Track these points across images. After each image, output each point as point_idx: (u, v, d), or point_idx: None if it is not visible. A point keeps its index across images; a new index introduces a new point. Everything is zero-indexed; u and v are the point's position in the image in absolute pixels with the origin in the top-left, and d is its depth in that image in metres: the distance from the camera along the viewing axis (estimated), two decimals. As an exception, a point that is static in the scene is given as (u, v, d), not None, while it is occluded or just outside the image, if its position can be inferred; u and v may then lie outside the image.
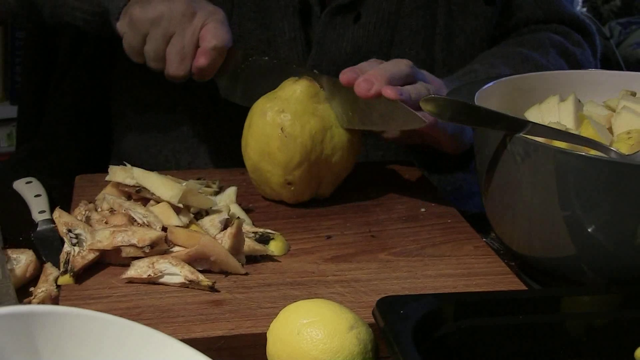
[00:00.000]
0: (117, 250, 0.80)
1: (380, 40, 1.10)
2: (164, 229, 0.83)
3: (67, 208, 0.90)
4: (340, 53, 1.09)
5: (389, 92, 0.89)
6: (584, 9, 2.85)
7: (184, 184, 0.89)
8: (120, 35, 1.01)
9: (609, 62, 2.53)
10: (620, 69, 2.79)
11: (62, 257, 0.80)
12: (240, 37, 1.10)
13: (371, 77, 0.91)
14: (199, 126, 1.15)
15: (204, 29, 0.98)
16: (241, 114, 0.98)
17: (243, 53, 1.02)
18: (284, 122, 0.92)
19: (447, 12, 1.13)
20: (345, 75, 0.92)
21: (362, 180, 1.03)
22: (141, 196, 0.88)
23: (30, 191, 0.98)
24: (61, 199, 0.95)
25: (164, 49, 0.98)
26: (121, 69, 1.19)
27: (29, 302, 0.76)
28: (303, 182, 0.94)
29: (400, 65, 0.94)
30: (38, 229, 0.89)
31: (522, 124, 0.79)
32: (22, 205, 0.96)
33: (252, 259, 0.84)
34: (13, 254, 0.81)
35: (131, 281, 0.79)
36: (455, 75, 1.07)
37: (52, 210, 0.89)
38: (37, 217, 0.92)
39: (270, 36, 1.09)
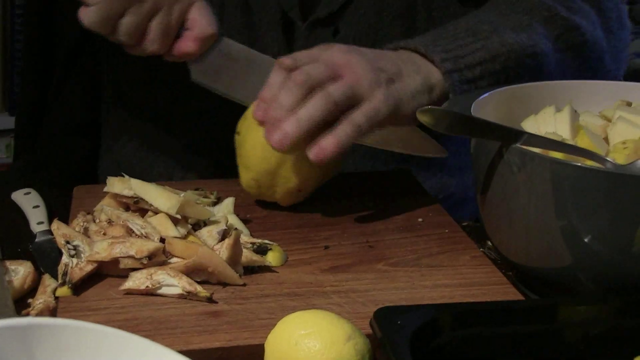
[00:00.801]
0: (115, 261, 0.80)
1: None
2: (162, 240, 0.83)
3: (66, 219, 0.91)
4: None
5: (315, 155, 0.88)
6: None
7: (181, 195, 0.90)
8: (90, 1, 0.93)
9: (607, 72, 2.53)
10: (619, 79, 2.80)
11: (61, 268, 0.80)
12: None
13: (284, 125, 0.88)
14: (192, 140, 1.15)
15: (193, 10, 0.96)
16: (232, 127, 0.98)
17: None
18: None
19: (427, 18, 1.12)
20: (256, 112, 0.90)
21: (359, 190, 1.03)
22: (139, 207, 0.89)
23: (29, 202, 0.98)
24: (59, 210, 0.95)
25: (146, 23, 0.94)
26: (114, 84, 1.19)
27: (27, 314, 0.76)
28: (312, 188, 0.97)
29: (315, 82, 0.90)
30: (36, 240, 0.90)
31: (519, 135, 0.79)
32: (20, 217, 0.96)
33: (250, 269, 0.84)
34: (11, 265, 0.81)
35: (129, 292, 0.79)
36: (438, 30, 1.03)
37: (50, 222, 0.89)
38: (36, 228, 0.92)
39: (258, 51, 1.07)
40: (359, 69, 0.91)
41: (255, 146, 0.94)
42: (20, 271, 0.80)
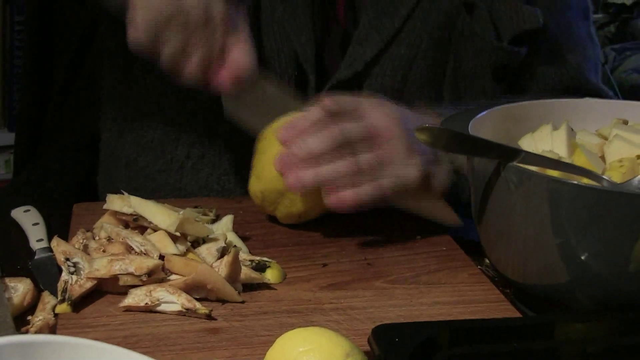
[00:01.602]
0: (115, 278, 0.81)
1: None
2: (161, 257, 0.83)
3: (65, 236, 0.91)
4: None
5: (332, 203, 0.90)
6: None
7: (180, 212, 0.90)
8: (139, 15, 0.91)
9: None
10: (615, 94, 2.80)
11: (60, 285, 0.80)
12: None
13: (303, 172, 0.89)
14: (188, 158, 1.15)
15: (236, 46, 0.94)
16: (229, 149, 0.98)
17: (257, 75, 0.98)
18: None
19: (453, 89, 1.10)
20: (281, 134, 0.91)
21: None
22: (138, 224, 0.89)
23: (28, 219, 0.98)
24: (59, 227, 0.95)
25: (189, 43, 0.92)
26: (108, 102, 1.19)
27: (27, 331, 0.76)
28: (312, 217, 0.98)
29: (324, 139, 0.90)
30: (36, 257, 0.90)
31: (516, 153, 0.79)
32: (19, 234, 0.96)
33: (249, 286, 0.84)
34: (11, 282, 0.81)
35: (128, 309, 0.79)
36: (462, 106, 1.04)
37: (50, 239, 0.90)
38: (35, 245, 0.92)
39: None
40: (397, 143, 0.91)
41: (272, 162, 0.94)
42: (19, 288, 0.81)
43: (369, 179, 0.91)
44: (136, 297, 0.79)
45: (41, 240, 0.93)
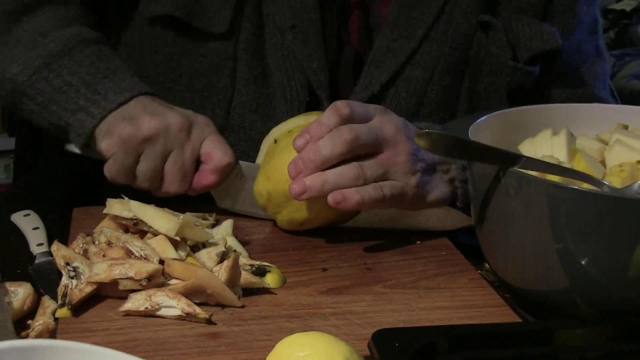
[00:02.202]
0: (115, 283, 0.81)
1: None
2: (161, 261, 0.83)
3: (65, 241, 0.91)
4: None
5: (334, 200, 0.90)
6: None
7: (180, 217, 0.90)
8: (106, 156, 0.97)
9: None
10: (615, 100, 2.80)
11: (60, 290, 0.80)
12: (240, 128, 1.08)
13: (309, 180, 0.90)
14: None
15: (206, 144, 0.97)
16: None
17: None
18: None
19: (467, 110, 1.11)
20: (297, 141, 0.92)
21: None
22: (138, 229, 0.89)
23: (28, 224, 0.98)
24: (59, 231, 0.96)
25: (162, 167, 0.96)
26: None
27: (27, 335, 0.76)
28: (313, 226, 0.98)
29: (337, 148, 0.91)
30: (36, 261, 0.90)
31: (515, 158, 0.79)
32: (20, 238, 0.96)
33: (249, 291, 0.84)
34: (11, 286, 0.81)
35: (128, 314, 0.79)
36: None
37: (50, 243, 0.90)
38: (35, 249, 0.92)
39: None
40: (402, 154, 0.93)
41: (286, 165, 0.94)
42: (19, 293, 0.81)
43: (372, 184, 0.91)
44: (136, 302, 0.79)
45: (41, 244, 0.93)
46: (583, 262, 0.75)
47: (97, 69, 1.00)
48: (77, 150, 1.02)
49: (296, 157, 0.92)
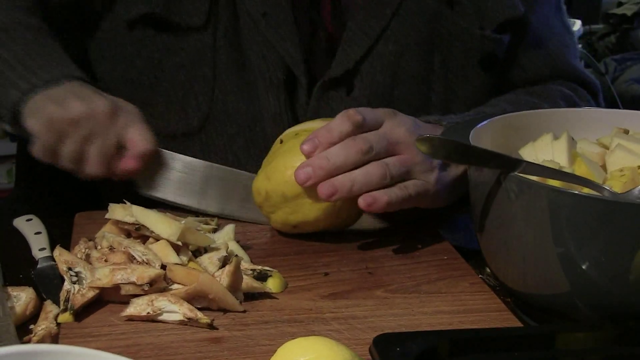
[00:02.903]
0: (117, 288, 0.81)
1: None
2: (163, 266, 0.84)
3: (67, 245, 0.91)
4: None
5: (366, 202, 0.92)
6: (579, 45, 2.88)
7: (182, 221, 0.90)
8: (31, 134, 0.97)
9: (604, 99, 2.55)
10: (616, 105, 2.80)
11: (62, 294, 0.81)
12: (223, 113, 1.10)
13: (338, 181, 0.91)
14: None
15: (130, 131, 0.98)
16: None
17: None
18: None
19: (443, 81, 1.14)
20: (304, 146, 0.93)
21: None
22: (140, 234, 0.89)
23: (31, 229, 0.98)
24: (61, 236, 0.96)
25: (85, 150, 0.97)
26: None
27: (29, 340, 0.76)
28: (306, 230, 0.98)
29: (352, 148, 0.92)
30: (38, 266, 0.90)
31: (516, 163, 0.80)
32: (22, 243, 0.96)
33: (250, 296, 0.84)
34: (13, 291, 0.81)
35: (130, 319, 0.79)
36: (465, 115, 1.08)
37: (52, 248, 0.90)
38: (37, 254, 0.92)
39: (255, 111, 1.09)
40: (420, 154, 0.94)
41: (288, 167, 0.94)
42: (22, 297, 0.81)
43: (397, 185, 0.94)
44: (138, 307, 0.79)
45: (43, 249, 0.93)
46: (584, 266, 0.76)
47: (33, 49, 1.01)
48: (8, 128, 1.02)
49: (305, 163, 0.92)
